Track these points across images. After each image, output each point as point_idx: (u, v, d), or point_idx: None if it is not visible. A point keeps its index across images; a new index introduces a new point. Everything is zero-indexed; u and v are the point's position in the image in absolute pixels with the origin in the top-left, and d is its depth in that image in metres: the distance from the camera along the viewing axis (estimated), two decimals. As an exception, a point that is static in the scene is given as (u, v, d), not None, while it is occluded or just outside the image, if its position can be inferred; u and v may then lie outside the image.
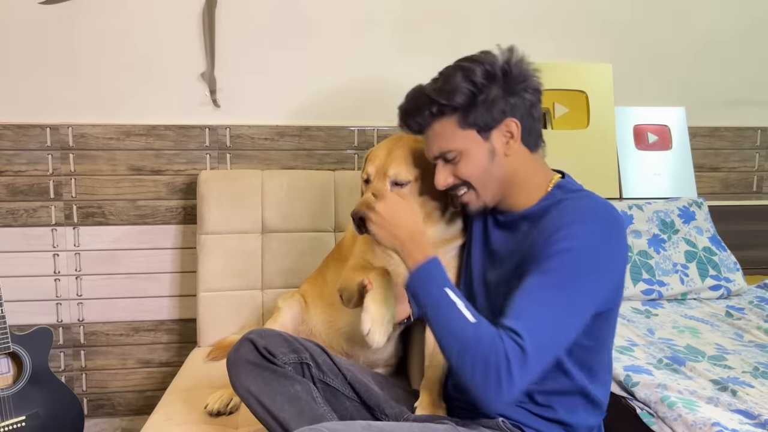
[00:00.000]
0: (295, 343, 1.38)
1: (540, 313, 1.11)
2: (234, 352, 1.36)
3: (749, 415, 1.39)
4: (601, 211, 1.22)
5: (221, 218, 2.11)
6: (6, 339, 1.97)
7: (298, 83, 2.30)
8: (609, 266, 1.19)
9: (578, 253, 1.15)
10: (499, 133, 1.28)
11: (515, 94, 1.27)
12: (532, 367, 1.08)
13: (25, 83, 2.17)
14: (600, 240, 1.18)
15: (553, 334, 1.12)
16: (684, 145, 2.51)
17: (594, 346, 1.26)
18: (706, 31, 2.53)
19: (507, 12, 2.37)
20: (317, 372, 1.38)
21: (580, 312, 1.15)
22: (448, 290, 1.15)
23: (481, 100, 1.25)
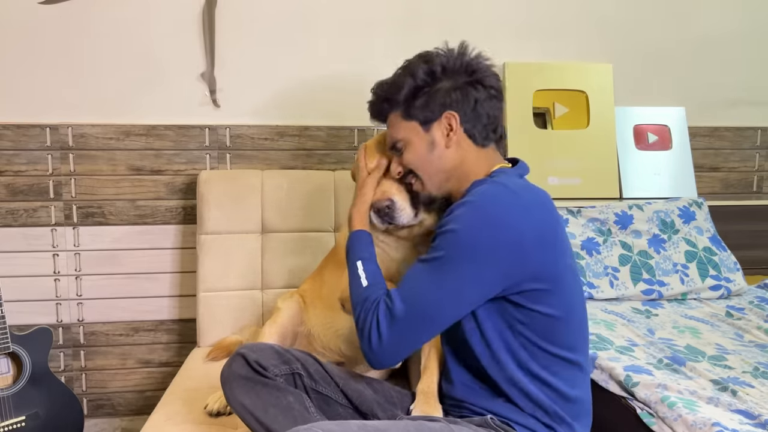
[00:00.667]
0: (287, 355, 1.40)
1: (414, 285, 1.25)
2: (227, 368, 1.39)
3: (749, 415, 1.39)
4: (490, 196, 1.24)
5: (221, 218, 2.11)
6: (6, 339, 1.97)
7: (298, 83, 2.30)
8: (489, 251, 1.20)
9: (456, 235, 1.21)
10: (440, 126, 1.36)
11: (457, 89, 1.35)
12: (400, 329, 1.23)
13: (25, 83, 2.17)
14: (479, 225, 1.21)
15: (424, 305, 1.24)
16: (684, 145, 2.51)
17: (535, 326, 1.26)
18: (706, 31, 2.53)
19: (507, 12, 2.37)
20: (309, 381, 1.40)
21: (456, 290, 1.23)
22: (359, 262, 1.37)
23: (421, 94, 1.36)
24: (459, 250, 1.21)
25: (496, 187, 1.27)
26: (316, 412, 1.36)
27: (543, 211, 1.28)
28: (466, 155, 1.36)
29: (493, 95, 1.37)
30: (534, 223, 1.24)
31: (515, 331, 1.27)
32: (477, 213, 1.22)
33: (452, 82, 1.35)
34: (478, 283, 1.22)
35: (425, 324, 1.25)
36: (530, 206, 1.25)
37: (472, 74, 1.36)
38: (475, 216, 1.22)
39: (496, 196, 1.25)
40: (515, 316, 1.26)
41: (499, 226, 1.21)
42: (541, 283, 1.24)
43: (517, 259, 1.22)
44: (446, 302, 1.24)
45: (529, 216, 1.24)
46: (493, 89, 1.38)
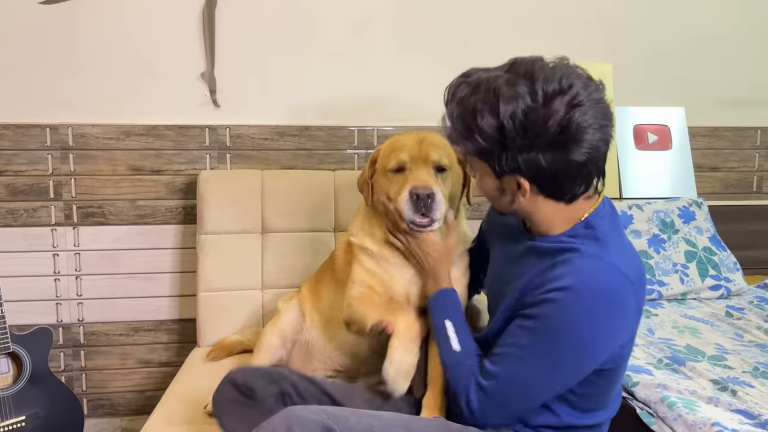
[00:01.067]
0: (275, 375, 1.39)
1: (513, 369, 1.18)
2: (217, 395, 1.39)
3: (749, 415, 1.39)
4: (593, 283, 1.12)
5: (221, 218, 2.11)
6: (6, 339, 1.97)
7: (298, 83, 2.30)
8: (588, 344, 1.13)
9: (556, 323, 1.13)
10: (510, 182, 1.20)
11: (532, 152, 1.13)
12: (493, 408, 1.20)
13: (25, 83, 2.17)
14: (580, 316, 1.11)
15: (520, 390, 1.19)
16: (684, 145, 2.51)
17: (592, 393, 1.24)
18: (706, 31, 2.53)
19: (507, 12, 2.37)
20: (299, 400, 1.37)
21: (553, 377, 1.17)
22: (446, 321, 1.31)
23: (490, 146, 1.15)
24: (569, 342, 1.13)
25: (602, 266, 1.13)
26: None
27: (642, 287, 1.20)
28: (542, 209, 1.21)
29: (590, 155, 1.13)
30: (638, 305, 1.17)
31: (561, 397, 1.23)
32: (585, 302, 1.11)
33: (528, 141, 1.12)
34: (586, 367, 1.17)
35: (523, 401, 1.22)
36: (636, 282, 1.15)
37: (562, 133, 1.10)
38: (583, 305, 1.11)
39: (606, 282, 1.12)
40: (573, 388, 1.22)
41: (610, 315, 1.13)
42: (617, 361, 1.21)
43: (622, 340, 1.18)
44: (548, 385, 1.19)
45: (636, 297, 1.16)
46: (593, 148, 1.12)
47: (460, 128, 1.17)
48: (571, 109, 1.10)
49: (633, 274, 1.15)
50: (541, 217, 1.22)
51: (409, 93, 2.34)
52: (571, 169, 1.14)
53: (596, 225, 1.20)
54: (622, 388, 1.54)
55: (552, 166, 1.13)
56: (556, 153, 1.12)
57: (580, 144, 1.12)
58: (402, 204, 1.38)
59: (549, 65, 1.15)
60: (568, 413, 1.24)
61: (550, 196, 1.19)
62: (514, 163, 1.14)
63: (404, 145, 1.44)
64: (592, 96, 1.13)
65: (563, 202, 1.20)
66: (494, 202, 1.28)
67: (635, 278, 1.15)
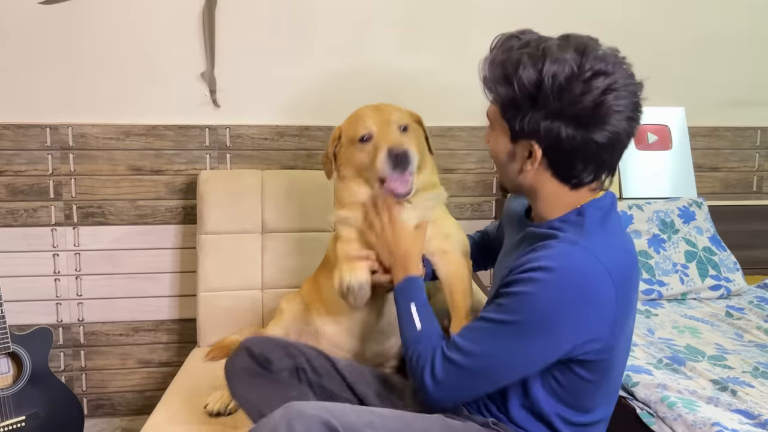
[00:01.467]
0: (291, 348, 1.39)
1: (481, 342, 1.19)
2: (230, 361, 1.38)
3: (749, 415, 1.39)
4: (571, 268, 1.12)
5: (221, 218, 2.11)
6: (6, 339, 1.97)
7: (298, 83, 2.30)
8: (558, 325, 1.13)
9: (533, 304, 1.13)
10: (524, 147, 1.20)
11: (558, 121, 1.13)
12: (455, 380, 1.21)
13: (25, 83, 2.17)
14: (559, 297, 1.12)
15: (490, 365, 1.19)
16: (684, 145, 2.51)
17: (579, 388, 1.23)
18: (706, 31, 2.53)
19: (507, 12, 2.37)
20: (313, 376, 1.38)
21: (526, 357, 1.17)
22: (411, 304, 1.33)
23: (516, 105, 1.16)
24: (536, 322, 1.13)
25: (583, 254, 1.13)
26: None
27: (626, 283, 1.18)
28: (546, 186, 1.22)
29: (611, 139, 1.14)
30: (617, 299, 1.15)
31: (547, 387, 1.23)
32: (557, 284, 1.11)
33: (558, 107, 1.12)
34: (551, 352, 1.16)
35: (483, 381, 1.22)
36: (614, 274, 1.14)
37: (593, 110, 1.12)
38: (554, 287, 1.11)
39: (584, 268, 1.12)
40: (555, 376, 1.21)
41: (580, 300, 1.12)
42: (601, 354, 1.19)
43: (593, 333, 1.15)
44: (512, 367, 1.19)
45: (614, 291, 1.14)
46: (615, 133, 1.14)
47: (499, 74, 1.18)
48: (608, 92, 1.13)
49: (612, 266, 1.14)
50: (543, 196, 1.23)
51: (410, 93, 2.33)
52: (588, 149, 1.15)
53: (587, 214, 1.20)
54: (623, 388, 1.55)
55: (570, 142, 1.14)
56: (579, 129, 1.13)
57: (605, 126, 1.13)
58: (380, 164, 1.44)
59: (601, 48, 1.18)
60: (556, 409, 1.24)
61: (557, 175, 1.20)
62: (535, 126, 1.15)
63: (366, 115, 1.53)
64: (629, 87, 1.16)
65: (568, 186, 1.21)
66: (502, 170, 1.28)
67: (615, 271, 1.14)
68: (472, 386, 1.23)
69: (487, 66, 1.22)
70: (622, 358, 1.28)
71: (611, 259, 1.14)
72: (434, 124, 2.35)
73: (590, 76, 1.12)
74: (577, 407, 1.24)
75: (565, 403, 1.24)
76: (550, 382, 1.22)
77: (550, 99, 1.12)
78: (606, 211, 1.23)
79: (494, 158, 1.29)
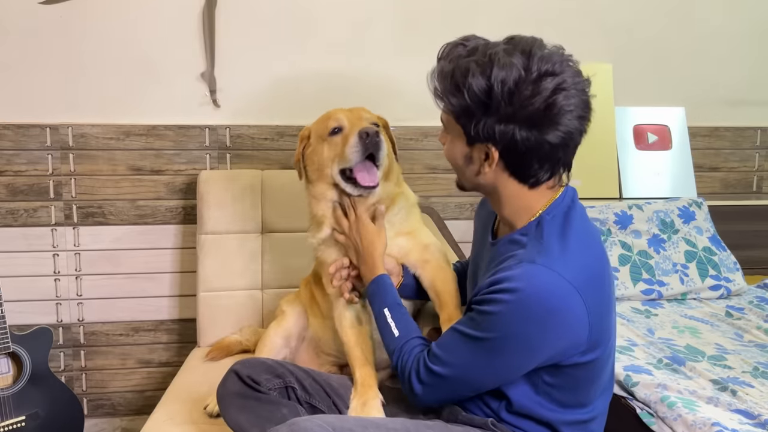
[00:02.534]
0: (279, 369, 1.40)
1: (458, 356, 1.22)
2: (221, 387, 1.40)
3: (749, 415, 1.39)
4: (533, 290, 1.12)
5: (221, 218, 2.11)
6: (6, 339, 1.97)
7: (298, 83, 2.30)
8: (528, 346, 1.16)
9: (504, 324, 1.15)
10: (480, 151, 1.20)
11: (507, 126, 1.14)
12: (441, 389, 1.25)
13: (25, 83, 2.17)
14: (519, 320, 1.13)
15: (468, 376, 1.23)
16: (684, 145, 2.51)
17: (571, 386, 1.23)
18: (706, 30, 2.53)
19: (506, 12, 2.37)
20: (303, 394, 1.40)
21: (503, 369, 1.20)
22: (384, 310, 1.37)
23: (469, 111, 1.17)
24: (508, 340, 1.16)
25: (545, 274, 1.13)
26: None
27: (595, 285, 1.19)
28: (508, 190, 1.23)
29: (564, 139, 1.16)
30: (586, 306, 1.15)
31: (539, 390, 1.23)
32: (522, 305, 1.12)
33: (511, 111, 1.13)
34: (528, 362, 1.19)
35: (466, 388, 1.26)
36: (578, 285, 1.14)
37: (545, 111, 1.13)
38: (520, 308, 1.13)
39: (545, 290, 1.12)
40: (544, 378, 1.22)
41: (548, 318, 1.13)
42: (586, 355, 1.19)
43: (569, 341, 1.17)
44: (491, 376, 1.22)
45: (578, 299, 1.14)
46: (568, 133, 1.15)
47: (448, 84, 1.18)
48: (557, 92, 1.13)
49: (575, 277, 1.14)
50: (504, 197, 1.24)
51: (410, 93, 2.33)
52: (543, 150, 1.16)
53: (545, 225, 1.21)
54: (623, 388, 1.55)
55: (525, 143, 1.15)
56: (532, 130, 1.14)
57: (558, 126, 1.14)
58: (350, 149, 1.45)
59: (546, 48, 1.17)
60: (549, 408, 1.24)
61: (515, 175, 1.21)
62: (490, 131, 1.15)
63: (337, 111, 1.55)
64: (578, 86, 1.16)
65: (526, 186, 1.22)
66: (459, 172, 1.29)
67: (579, 282, 1.14)
68: (456, 391, 1.27)
69: (436, 77, 1.22)
70: (611, 351, 1.28)
71: (573, 271, 1.14)
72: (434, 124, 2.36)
73: (537, 77, 1.12)
74: (573, 405, 1.25)
75: (559, 403, 1.24)
76: (542, 386, 1.22)
77: (502, 104, 1.13)
78: (565, 214, 1.22)
79: (451, 161, 1.29)
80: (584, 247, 1.22)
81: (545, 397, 1.23)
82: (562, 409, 1.24)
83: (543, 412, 1.24)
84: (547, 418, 1.24)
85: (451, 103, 1.19)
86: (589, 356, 1.19)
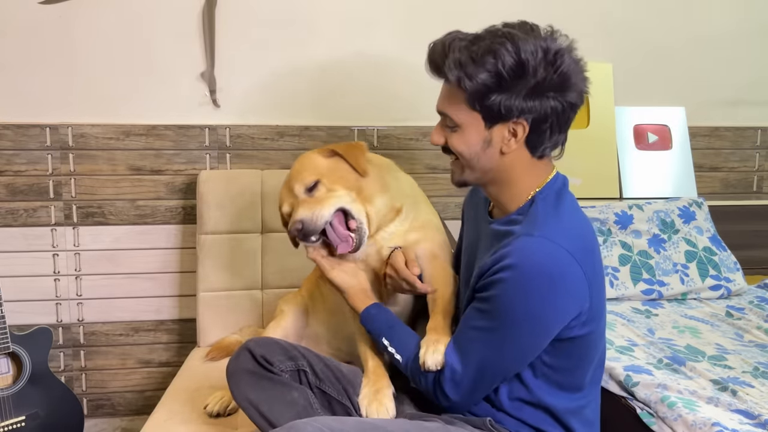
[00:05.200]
0: (293, 351, 1.40)
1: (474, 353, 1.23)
2: (233, 362, 1.39)
3: (749, 415, 1.39)
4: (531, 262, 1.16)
5: (221, 218, 2.11)
6: (6, 339, 1.97)
7: (298, 83, 2.30)
8: (536, 318, 1.18)
9: (510, 307, 1.18)
10: (503, 129, 1.22)
11: (539, 96, 1.19)
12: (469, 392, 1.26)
13: (25, 83, 2.17)
14: (523, 294, 1.16)
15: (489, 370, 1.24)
16: (684, 145, 2.51)
17: (567, 367, 1.26)
18: (706, 30, 2.53)
19: (508, 12, 2.35)
20: (314, 379, 1.40)
21: (519, 352, 1.22)
22: (384, 340, 1.36)
23: (498, 90, 1.18)
24: (519, 320, 1.18)
25: (540, 244, 1.17)
26: (320, 408, 1.36)
27: (590, 256, 1.23)
28: (518, 164, 1.26)
29: (569, 112, 1.24)
30: (585, 273, 1.19)
31: (537, 372, 1.27)
32: (524, 279, 1.16)
33: (537, 85, 1.18)
34: (544, 338, 1.21)
35: (492, 381, 1.27)
36: (579, 255, 1.19)
37: (561, 83, 1.20)
38: (523, 282, 1.16)
39: (543, 259, 1.16)
40: (543, 358, 1.25)
41: (552, 287, 1.16)
42: (587, 326, 1.23)
43: (575, 309, 1.20)
44: (512, 362, 1.24)
45: (580, 268, 1.18)
46: (575, 105, 1.24)
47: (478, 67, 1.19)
48: (568, 54, 1.23)
49: (571, 245, 1.18)
50: (512, 177, 1.27)
51: (410, 93, 2.34)
52: (564, 114, 1.22)
53: (539, 202, 1.25)
54: (623, 388, 1.55)
55: (554, 111, 1.21)
56: (558, 96, 1.20)
57: (575, 86, 1.22)
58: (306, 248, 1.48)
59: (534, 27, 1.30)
60: (547, 392, 1.27)
61: (531, 146, 1.25)
62: (521, 105, 1.19)
63: (280, 195, 1.52)
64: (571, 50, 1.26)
65: (535, 158, 1.27)
66: (473, 160, 1.26)
67: (575, 249, 1.18)
68: (484, 388, 1.28)
69: (458, 62, 1.21)
70: (603, 330, 1.32)
71: (569, 240, 1.19)
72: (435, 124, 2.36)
73: (551, 45, 1.21)
74: (569, 387, 1.28)
75: (557, 385, 1.27)
76: (540, 367, 1.25)
77: (535, 75, 1.18)
78: (557, 192, 1.27)
79: (463, 152, 1.26)
80: (577, 219, 1.28)
81: (543, 380, 1.26)
82: (560, 392, 1.27)
83: (542, 395, 1.27)
84: (546, 402, 1.27)
85: (478, 83, 1.18)
86: (587, 329, 1.23)
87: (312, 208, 1.41)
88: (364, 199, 1.46)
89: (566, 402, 1.28)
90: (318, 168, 1.47)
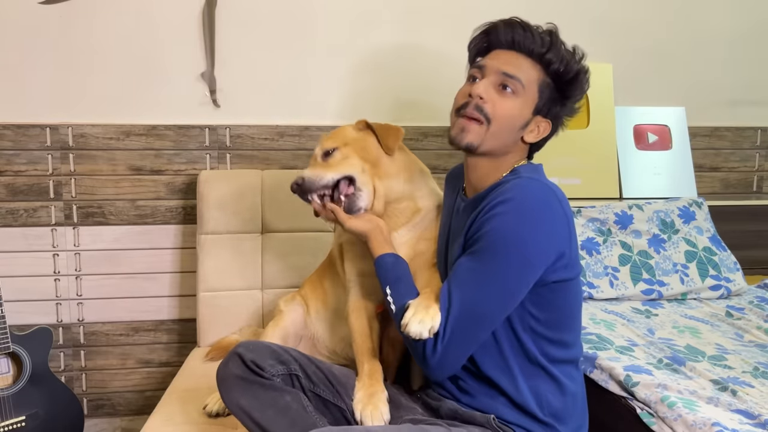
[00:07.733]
0: (284, 355, 1.38)
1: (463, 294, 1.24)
2: (222, 367, 1.37)
3: (749, 415, 1.39)
4: (525, 193, 1.25)
5: (221, 218, 2.12)
6: (6, 339, 1.97)
7: (298, 83, 2.30)
8: (527, 246, 1.22)
9: (495, 234, 1.23)
10: (538, 121, 1.35)
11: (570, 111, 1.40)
12: (459, 340, 1.25)
13: (25, 83, 2.17)
14: (516, 221, 1.23)
15: (475, 312, 1.24)
16: (684, 145, 2.51)
17: (551, 318, 1.30)
18: (706, 31, 2.53)
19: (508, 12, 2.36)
20: (307, 383, 1.38)
21: (502, 290, 1.24)
22: (387, 288, 1.36)
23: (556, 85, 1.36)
24: (509, 251, 1.22)
25: (532, 182, 1.28)
26: (314, 412, 1.34)
27: (570, 209, 1.32)
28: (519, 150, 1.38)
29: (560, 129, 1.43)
30: (567, 215, 1.28)
31: (525, 326, 1.29)
32: (517, 209, 1.23)
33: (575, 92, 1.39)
34: (529, 276, 1.24)
35: (478, 327, 1.26)
36: (563, 199, 1.29)
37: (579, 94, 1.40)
38: (515, 212, 1.23)
39: (535, 191, 1.26)
40: (529, 310, 1.28)
41: (539, 219, 1.24)
42: (568, 271, 1.28)
43: (558, 247, 1.25)
44: (496, 304, 1.25)
45: (564, 209, 1.27)
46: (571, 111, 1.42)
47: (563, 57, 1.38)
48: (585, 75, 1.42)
49: (555, 188, 1.29)
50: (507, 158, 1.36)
51: (410, 92, 2.34)
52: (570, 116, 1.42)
53: (521, 169, 1.36)
54: (623, 388, 1.55)
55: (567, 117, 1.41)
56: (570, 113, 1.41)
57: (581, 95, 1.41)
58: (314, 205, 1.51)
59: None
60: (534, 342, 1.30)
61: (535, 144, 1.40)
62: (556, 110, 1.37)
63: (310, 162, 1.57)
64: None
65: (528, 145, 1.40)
66: (503, 132, 1.33)
67: (558, 192, 1.29)
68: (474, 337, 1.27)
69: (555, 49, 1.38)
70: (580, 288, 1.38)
71: (553, 186, 1.30)
72: (438, 124, 2.36)
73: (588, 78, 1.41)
74: (555, 341, 1.31)
75: (544, 339, 1.30)
76: (527, 319, 1.29)
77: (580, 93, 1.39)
78: (535, 166, 1.40)
79: (506, 118, 1.32)
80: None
81: (530, 334, 1.30)
82: (547, 344, 1.31)
83: (530, 347, 1.30)
84: (533, 354, 1.30)
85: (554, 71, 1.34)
86: (569, 273, 1.29)
87: (318, 170, 1.48)
88: (379, 175, 1.49)
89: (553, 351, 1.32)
90: (343, 137, 1.53)
